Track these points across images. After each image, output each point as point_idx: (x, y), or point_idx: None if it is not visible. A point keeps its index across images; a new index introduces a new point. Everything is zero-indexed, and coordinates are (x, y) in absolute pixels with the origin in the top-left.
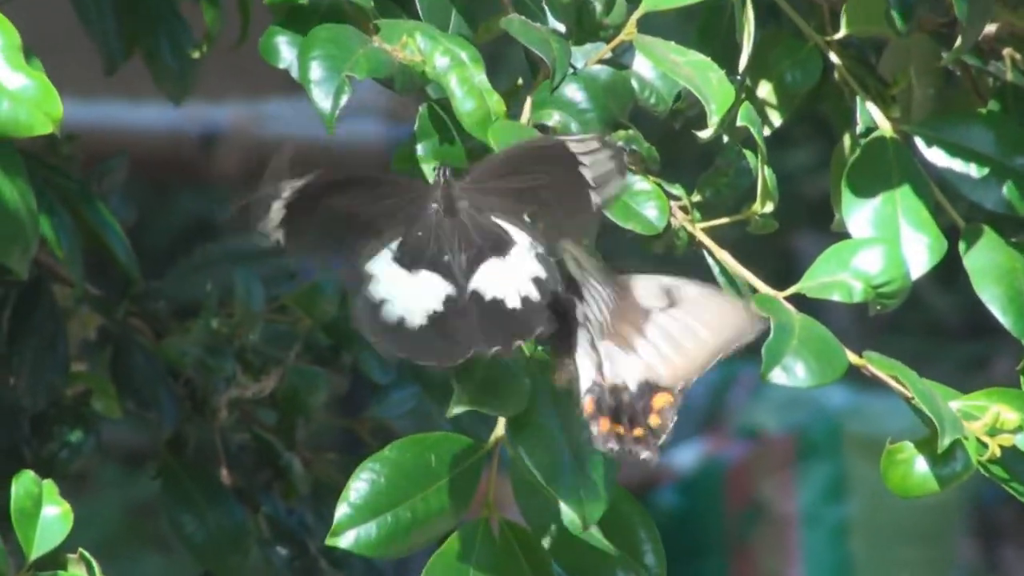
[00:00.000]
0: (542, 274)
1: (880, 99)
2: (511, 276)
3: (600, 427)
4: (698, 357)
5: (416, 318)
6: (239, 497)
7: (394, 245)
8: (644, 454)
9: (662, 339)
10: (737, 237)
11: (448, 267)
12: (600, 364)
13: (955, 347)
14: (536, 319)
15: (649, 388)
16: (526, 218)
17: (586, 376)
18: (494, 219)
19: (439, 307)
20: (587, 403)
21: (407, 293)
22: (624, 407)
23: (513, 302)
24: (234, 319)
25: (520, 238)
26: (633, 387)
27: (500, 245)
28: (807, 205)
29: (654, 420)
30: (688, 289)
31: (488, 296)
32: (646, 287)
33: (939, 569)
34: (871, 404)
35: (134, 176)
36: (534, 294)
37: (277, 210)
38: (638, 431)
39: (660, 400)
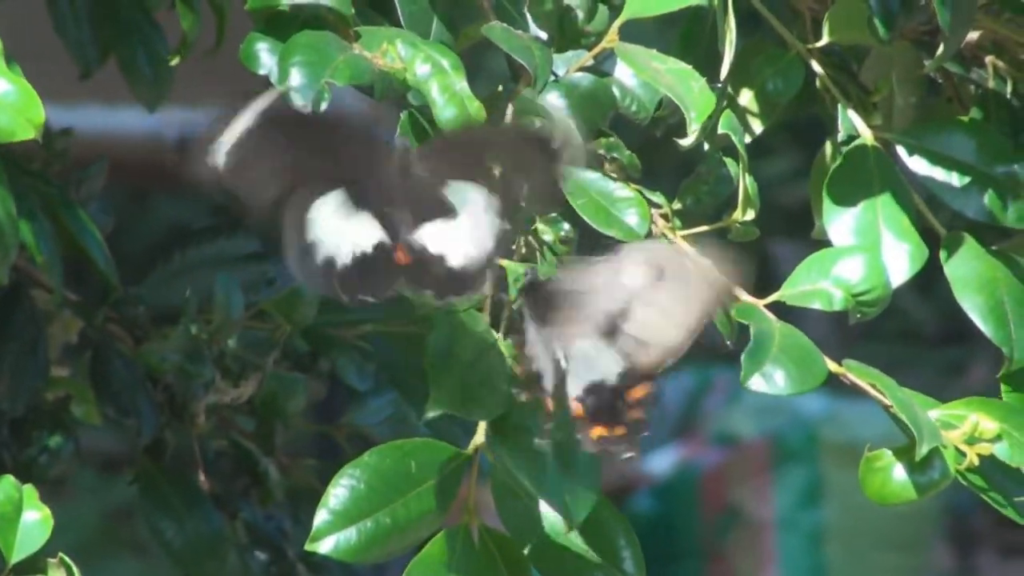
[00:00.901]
0: (490, 239)
1: (862, 107)
2: (456, 236)
3: (584, 431)
4: (684, 329)
5: (343, 258)
6: (217, 503)
7: (339, 194)
8: (627, 454)
9: (650, 315)
10: (715, 243)
11: (389, 219)
12: (578, 365)
13: (932, 354)
14: (476, 280)
15: (628, 378)
16: (485, 185)
17: (559, 376)
18: (450, 184)
19: (368, 250)
20: (567, 405)
21: (339, 236)
22: (603, 406)
23: (454, 260)
24: (213, 325)
25: (474, 203)
26: (611, 381)
27: (451, 207)
28: (784, 213)
29: (634, 415)
30: (673, 260)
31: (428, 250)
32: (634, 267)
33: (914, 575)
34: (847, 410)
35: (112, 181)
36: (478, 256)
37: (232, 134)
38: (619, 430)
39: (638, 392)
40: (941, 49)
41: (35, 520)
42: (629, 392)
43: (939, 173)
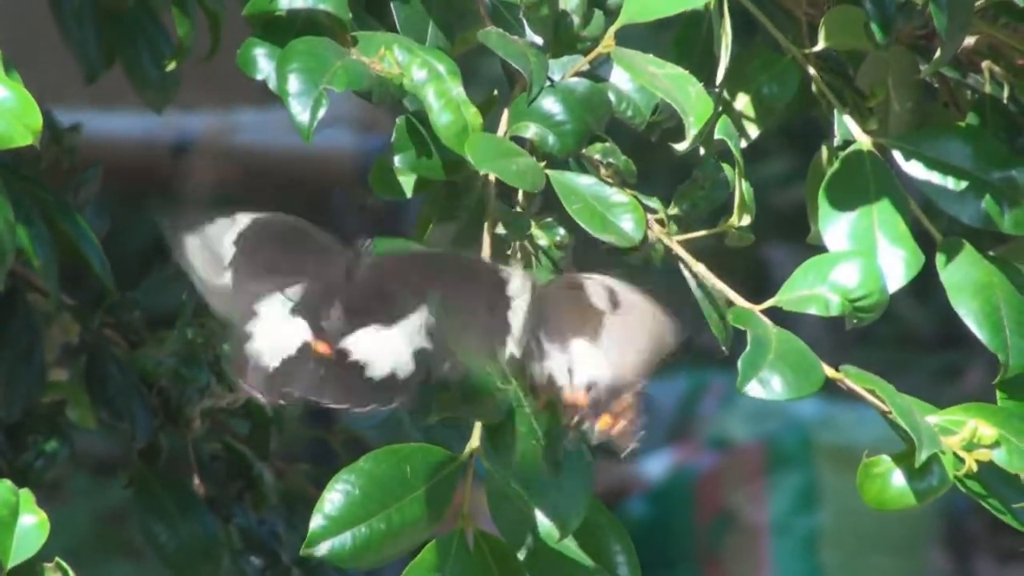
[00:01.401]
0: (423, 351)
1: (857, 112)
2: (386, 346)
3: (585, 425)
4: (639, 362)
5: (270, 358)
6: (211, 507)
7: (287, 292)
8: (630, 446)
9: (611, 342)
10: (709, 248)
11: (322, 321)
12: (568, 365)
13: (928, 358)
14: (398, 392)
15: (610, 388)
16: (428, 297)
17: (556, 376)
18: (396, 296)
19: (293, 352)
20: (567, 401)
21: (271, 334)
22: (600, 404)
23: (378, 370)
24: (208, 329)
25: (415, 314)
26: (602, 384)
27: (389, 315)
28: (779, 217)
29: (628, 415)
30: (628, 294)
31: (352, 357)
32: (595, 288)
33: None
34: (841, 415)
35: (107, 185)
36: (405, 368)
37: (228, 246)
38: (620, 424)
39: (623, 401)
40: (938, 54)
41: (32, 524)
42: (616, 396)
43: (935, 178)
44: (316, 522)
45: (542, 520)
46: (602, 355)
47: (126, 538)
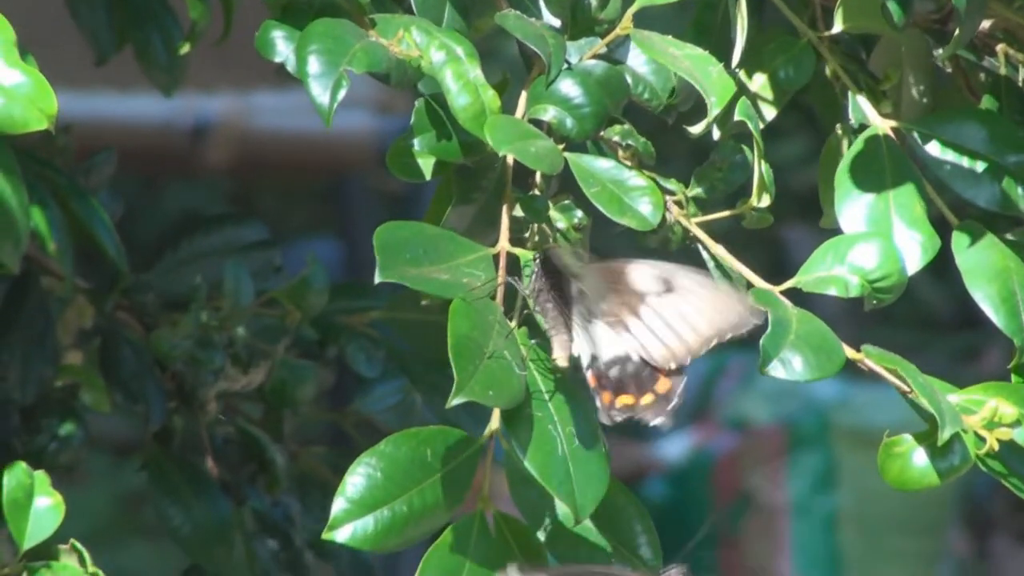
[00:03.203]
0: None
1: (871, 95)
2: None
3: (604, 399)
4: (691, 342)
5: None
6: (224, 490)
7: None
8: (656, 419)
9: (657, 322)
10: (727, 228)
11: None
12: (598, 340)
13: (947, 338)
14: None
15: (646, 364)
16: None
17: (586, 351)
18: None
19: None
20: (590, 377)
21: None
22: (629, 377)
23: None
24: (222, 312)
25: None
26: (635, 358)
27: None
28: (797, 196)
29: (663, 386)
30: (684, 278)
31: None
32: (642, 274)
33: (930, 560)
34: (860, 395)
35: (124, 168)
36: None
37: None
38: (648, 397)
39: (659, 379)
40: (956, 35)
41: (47, 506)
42: (653, 370)
43: (951, 161)
44: (338, 505)
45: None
46: (636, 335)
47: (146, 519)
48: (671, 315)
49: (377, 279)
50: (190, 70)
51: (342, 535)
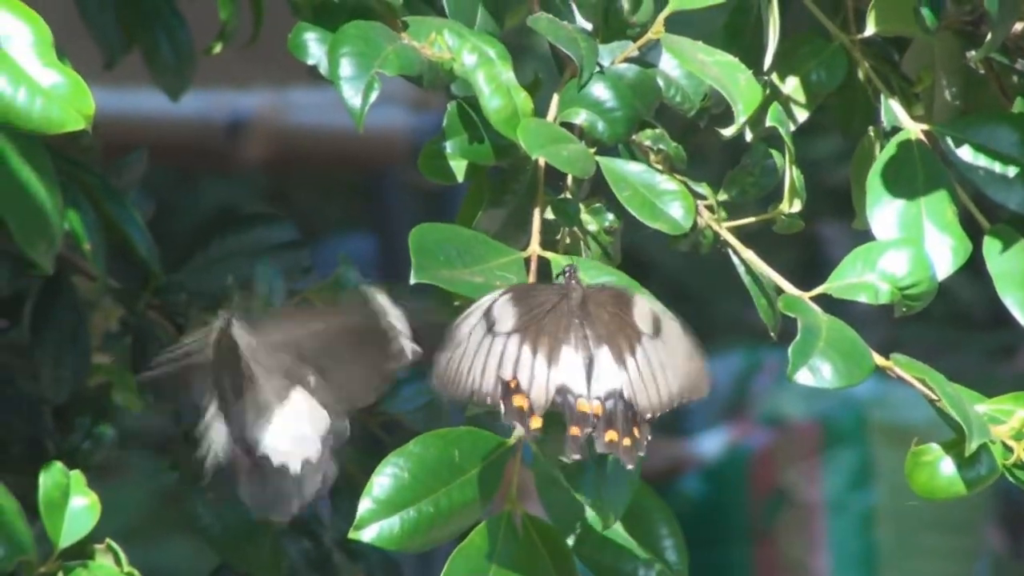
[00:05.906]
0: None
1: (904, 98)
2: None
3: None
4: (664, 397)
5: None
6: None
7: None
8: (628, 465)
9: (646, 367)
10: (759, 227)
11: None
12: (595, 368)
13: (980, 336)
14: (307, 483)
15: (628, 406)
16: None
17: (571, 383)
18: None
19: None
20: (581, 409)
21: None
22: (617, 414)
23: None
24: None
25: (296, 402)
26: (626, 395)
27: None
28: (831, 193)
29: (639, 431)
30: (671, 323)
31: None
32: (643, 309)
33: (965, 557)
34: (896, 392)
35: (160, 164)
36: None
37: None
38: (627, 440)
39: (637, 422)
40: (988, 38)
41: (83, 506)
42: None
43: (983, 165)
44: (365, 505)
45: None
46: (629, 373)
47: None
48: (656, 363)
49: (412, 280)
50: (226, 66)
51: (368, 535)
